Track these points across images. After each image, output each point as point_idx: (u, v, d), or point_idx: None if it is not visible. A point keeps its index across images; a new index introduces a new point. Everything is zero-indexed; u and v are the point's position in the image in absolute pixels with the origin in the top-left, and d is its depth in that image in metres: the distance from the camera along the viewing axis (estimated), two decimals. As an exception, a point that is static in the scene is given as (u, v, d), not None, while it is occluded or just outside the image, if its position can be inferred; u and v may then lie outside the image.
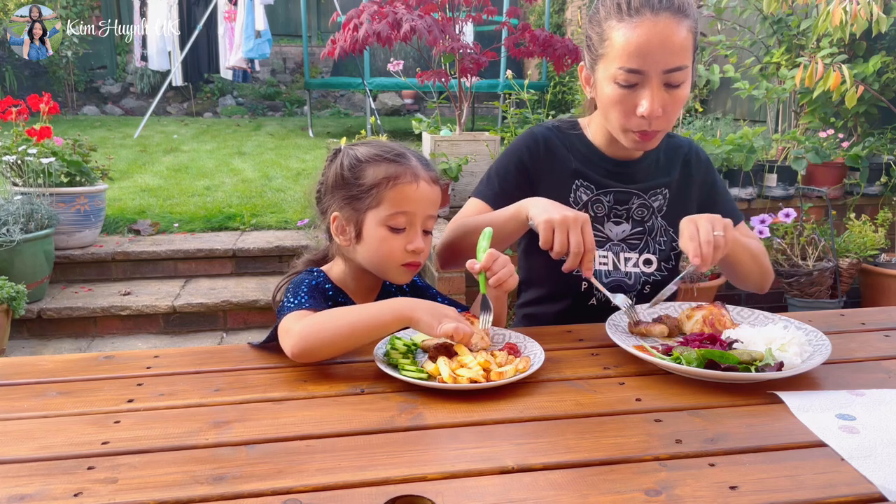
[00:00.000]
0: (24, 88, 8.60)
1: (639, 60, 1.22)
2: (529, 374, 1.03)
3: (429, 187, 1.24)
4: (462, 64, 4.06)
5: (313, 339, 1.07)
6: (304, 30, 8.07)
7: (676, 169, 1.50)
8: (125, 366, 1.12)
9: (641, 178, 1.46)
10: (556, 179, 1.44)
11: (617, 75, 1.25)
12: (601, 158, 1.45)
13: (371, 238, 1.22)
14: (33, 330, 3.45)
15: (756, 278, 1.46)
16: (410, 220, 1.22)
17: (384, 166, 1.22)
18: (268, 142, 7.46)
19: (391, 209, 1.20)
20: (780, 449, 0.85)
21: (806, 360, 1.06)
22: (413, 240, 1.22)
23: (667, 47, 1.21)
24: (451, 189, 3.99)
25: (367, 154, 1.25)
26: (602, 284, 1.42)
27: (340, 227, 1.25)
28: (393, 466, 0.80)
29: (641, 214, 1.45)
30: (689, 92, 1.29)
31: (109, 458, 0.83)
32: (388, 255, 1.22)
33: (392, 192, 1.20)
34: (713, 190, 1.53)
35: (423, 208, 1.22)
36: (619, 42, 1.23)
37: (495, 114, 9.09)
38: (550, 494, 0.75)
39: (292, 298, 1.17)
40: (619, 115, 1.29)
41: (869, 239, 3.59)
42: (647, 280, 1.44)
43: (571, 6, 8.71)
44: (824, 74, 3.52)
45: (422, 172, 1.23)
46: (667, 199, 1.47)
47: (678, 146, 1.52)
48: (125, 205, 4.68)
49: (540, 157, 1.45)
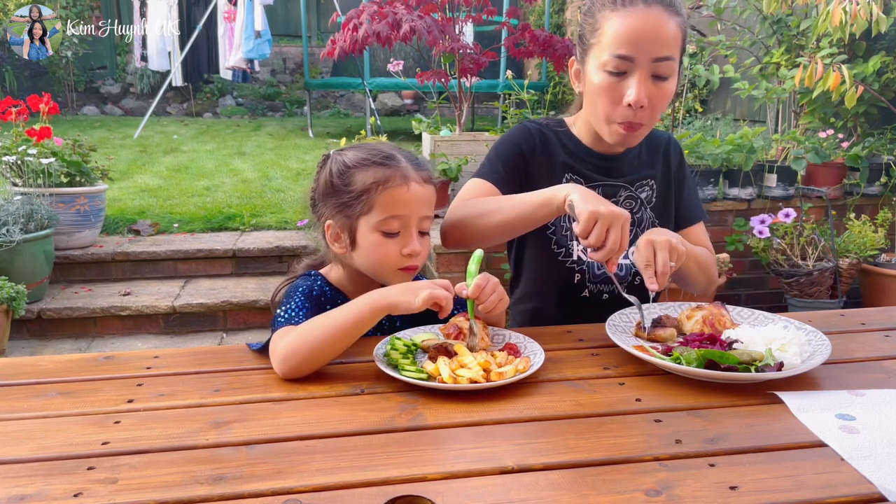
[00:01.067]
0: (23, 89, 8.60)
1: (629, 47, 1.25)
2: (529, 375, 1.03)
3: (420, 188, 1.21)
4: (462, 64, 4.06)
5: (296, 356, 1.05)
6: (304, 30, 8.07)
7: (659, 160, 1.53)
8: (125, 366, 1.12)
9: (627, 172, 1.48)
10: (547, 172, 1.46)
11: (607, 62, 1.27)
12: (588, 153, 1.47)
13: (365, 244, 1.21)
14: (33, 330, 3.45)
15: (702, 286, 1.49)
16: (404, 223, 1.20)
17: (372, 171, 1.20)
18: (268, 142, 7.46)
19: (383, 214, 1.19)
20: (780, 449, 0.85)
21: (806, 361, 1.06)
22: (408, 243, 1.20)
23: (657, 36, 1.25)
24: (451, 189, 3.99)
25: (354, 159, 1.22)
26: (594, 276, 1.44)
27: (335, 234, 1.23)
28: (393, 466, 0.80)
29: (630, 206, 1.47)
30: (674, 88, 1.32)
31: (109, 459, 0.83)
32: (384, 261, 1.21)
33: (382, 197, 1.18)
34: (682, 184, 1.55)
35: (416, 210, 1.21)
36: (611, 30, 1.27)
37: (495, 114, 9.09)
38: (550, 494, 0.75)
39: (283, 311, 1.16)
40: (605, 104, 1.31)
41: (869, 239, 3.59)
42: (637, 272, 1.44)
43: (571, 6, 8.71)
44: (824, 74, 3.52)
45: (412, 173, 1.21)
46: (654, 191, 1.50)
47: (658, 138, 1.55)
48: (125, 205, 4.68)
49: (535, 149, 1.47)
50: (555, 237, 1.45)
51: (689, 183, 1.57)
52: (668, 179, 1.53)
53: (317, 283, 1.25)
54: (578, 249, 1.44)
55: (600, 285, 1.44)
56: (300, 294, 1.20)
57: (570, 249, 1.45)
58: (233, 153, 6.73)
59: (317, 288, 1.24)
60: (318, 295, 1.23)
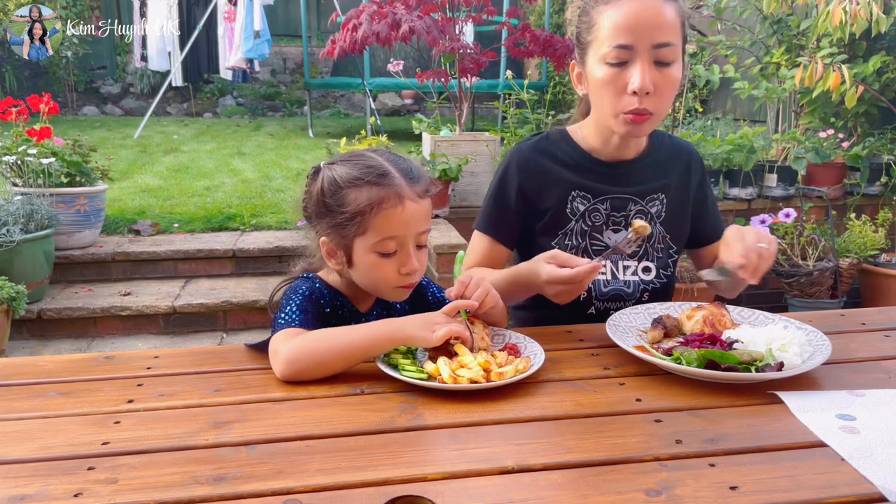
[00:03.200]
0: (24, 89, 8.60)
1: (627, 35, 1.24)
2: (529, 375, 1.03)
3: (416, 205, 1.16)
4: (462, 64, 4.06)
5: (303, 363, 1.05)
6: (304, 30, 8.06)
7: (677, 171, 1.49)
8: (125, 366, 1.12)
9: (637, 180, 1.44)
10: (551, 194, 1.43)
11: (607, 55, 1.26)
12: (594, 162, 1.44)
13: (362, 264, 1.19)
14: (33, 330, 3.45)
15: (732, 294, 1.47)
16: (401, 243, 1.17)
17: (366, 191, 1.15)
18: (268, 142, 7.46)
19: (378, 236, 1.15)
20: (781, 449, 0.85)
21: (806, 361, 1.06)
22: (406, 262, 1.17)
23: (655, 22, 1.24)
24: (451, 189, 3.99)
25: (347, 177, 1.17)
26: (601, 294, 1.42)
27: (331, 251, 1.21)
28: (393, 467, 0.80)
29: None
30: (679, 75, 1.29)
31: (109, 459, 0.83)
32: (382, 280, 1.19)
33: (377, 220, 1.14)
34: (704, 201, 1.53)
35: (412, 228, 1.17)
36: (608, 23, 1.26)
37: (495, 114, 9.09)
38: (550, 495, 0.75)
39: (284, 312, 1.15)
40: (610, 96, 1.29)
41: (869, 239, 3.59)
42: (645, 288, 1.43)
43: (571, 6, 8.71)
44: (824, 74, 3.52)
45: (406, 191, 1.16)
46: (664, 205, 1.46)
47: (680, 148, 1.52)
48: (125, 205, 4.67)
49: (533, 176, 1.44)
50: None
51: (711, 199, 1.54)
52: (685, 194, 1.49)
53: (315, 286, 1.25)
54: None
55: (607, 303, 1.42)
56: (300, 296, 1.19)
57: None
58: (233, 153, 6.73)
59: (316, 290, 1.24)
60: (318, 297, 1.23)
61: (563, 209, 1.43)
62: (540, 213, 1.44)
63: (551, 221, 1.43)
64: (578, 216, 1.43)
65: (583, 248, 1.43)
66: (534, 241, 1.45)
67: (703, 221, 1.52)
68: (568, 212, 1.43)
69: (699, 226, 1.52)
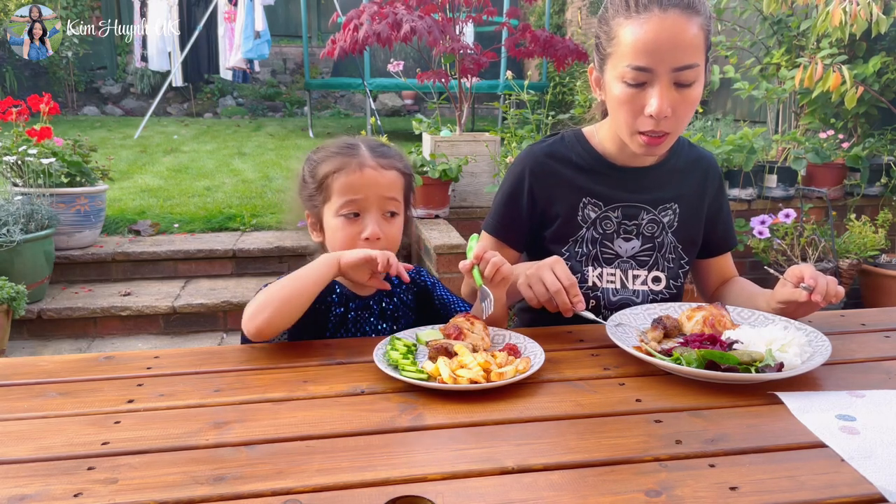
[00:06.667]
0: (24, 89, 8.61)
1: (646, 58, 1.18)
2: (529, 375, 1.03)
3: (376, 172, 1.25)
4: (462, 64, 4.07)
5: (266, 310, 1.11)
6: (305, 30, 8.07)
7: (693, 181, 1.46)
8: (125, 366, 1.12)
9: (651, 188, 1.42)
10: (562, 199, 1.41)
11: (625, 74, 1.21)
12: (609, 167, 1.41)
13: (329, 230, 1.27)
14: (33, 330, 3.45)
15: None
16: (361, 207, 1.25)
17: (332, 160, 1.27)
18: (268, 142, 7.46)
19: (340, 199, 1.25)
20: (781, 450, 0.85)
21: (806, 361, 1.06)
22: (367, 227, 1.24)
23: (676, 44, 1.17)
24: (451, 189, 3.99)
25: (321, 152, 1.31)
26: (610, 303, 1.40)
27: (313, 224, 1.32)
28: (393, 467, 0.80)
29: (651, 230, 1.42)
30: (700, 92, 1.24)
31: (109, 459, 0.82)
32: (345, 245, 1.24)
33: (337, 183, 1.25)
34: (719, 212, 1.50)
35: (372, 192, 1.25)
36: (627, 39, 1.20)
37: (495, 114, 9.09)
38: (550, 495, 0.75)
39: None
40: (626, 116, 1.25)
41: (869, 240, 3.59)
42: (654, 298, 1.41)
43: (571, 7, 8.72)
44: (824, 75, 3.52)
45: (369, 160, 1.26)
46: (677, 215, 1.43)
47: (699, 157, 1.49)
48: (125, 205, 4.67)
49: (544, 179, 1.42)
50: (570, 263, 1.39)
51: (726, 210, 1.51)
52: (700, 204, 1.46)
53: None
54: (594, 275, 1.41)
55: (615, 312, 1.42)
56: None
57: (586, 275, 1.40)
58: (233, 153, 6.73)
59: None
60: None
61: (574, 216, 1.41)
62: (550, 218, 1.43)
63: (562, 228, 1.41)
64: (589, 223, 1.41)
65: (593, 257, 1.41)
66: (544, 247, 1.44)
67: (714, 231, 1.49)
68: (579, 219, 1.41)
69: (709, 235, 1.49)
